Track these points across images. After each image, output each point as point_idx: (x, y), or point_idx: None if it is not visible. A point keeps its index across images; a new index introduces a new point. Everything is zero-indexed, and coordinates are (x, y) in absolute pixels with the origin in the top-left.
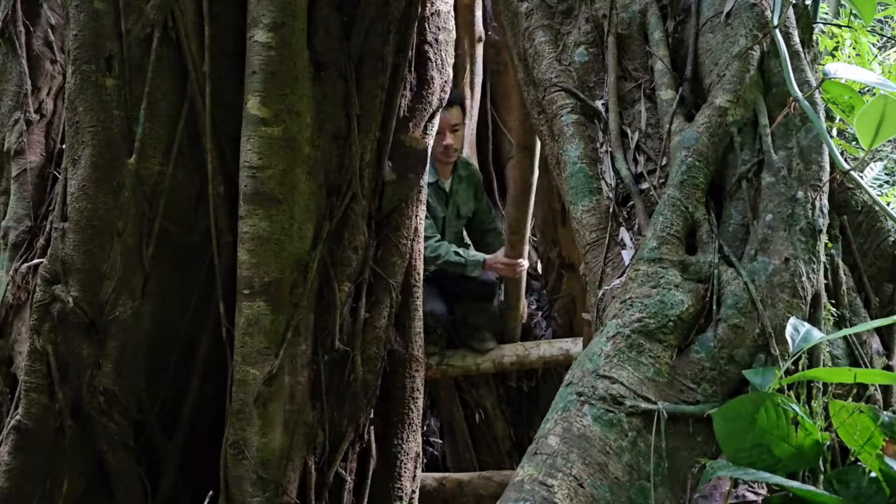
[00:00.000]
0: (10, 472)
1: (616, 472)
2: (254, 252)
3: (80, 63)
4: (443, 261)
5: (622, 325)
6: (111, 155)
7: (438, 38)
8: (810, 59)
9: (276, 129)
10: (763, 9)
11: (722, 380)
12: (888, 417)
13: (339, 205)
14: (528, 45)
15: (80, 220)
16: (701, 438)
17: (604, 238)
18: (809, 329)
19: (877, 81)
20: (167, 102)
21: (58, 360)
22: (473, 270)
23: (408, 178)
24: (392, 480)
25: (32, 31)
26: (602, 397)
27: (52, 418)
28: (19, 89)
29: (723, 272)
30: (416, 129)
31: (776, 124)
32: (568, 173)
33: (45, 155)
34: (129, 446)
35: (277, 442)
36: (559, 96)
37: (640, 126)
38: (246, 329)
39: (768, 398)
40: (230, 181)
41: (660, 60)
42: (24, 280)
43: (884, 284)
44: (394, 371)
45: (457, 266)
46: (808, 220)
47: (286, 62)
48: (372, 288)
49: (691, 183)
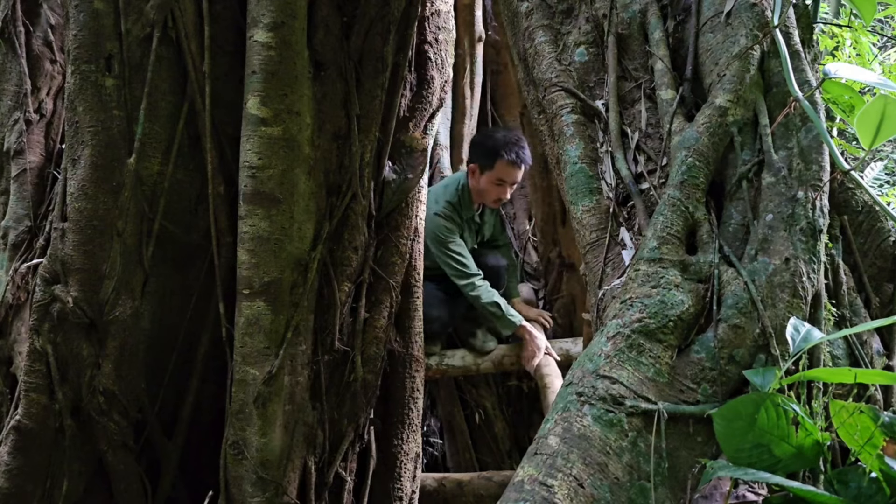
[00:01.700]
0: (10, 472)
1: (616, 473)
2: (254, 252)
3: (80, 63)
4: (479, 303)
5: (622, 325)
6: (111, 155)
7: (438, 38)
8: (810, 59)
9: (275, 129)
10: (763, 9)
11: (722, 380)
12: (888, 417)
13: (339, 205)
14: (528, 45)
15: (80, 220)
16: (701, 438)
17: (604, 238)
18: (810, 329)
19: (877, 81)
20: (167, 102)
21: (58, 360)
22: (504, 328)
23: (408, 178)
24: (392, 480)
25: (32, 31)
26: (602, 397)
27: (52, 418)
28: (19, 89)
29: (723, 272)
30: (416, 129)
31: (776, 124)
32: (568, 173)
33: (45, 155)
34: (129, 446)
35: (277, 442)
36: (559, 96)
37: (640, 126)
38: (246, 329)
39: (768, 398)
40: (230, 181)
41: (660, 60)
42: (23, 280)
43: (884, 284)
44: (394, 371)
45: (490, 315)
46: (808, 220)
47: (286, 62)
48: (372, 288)
49: (691, 183)
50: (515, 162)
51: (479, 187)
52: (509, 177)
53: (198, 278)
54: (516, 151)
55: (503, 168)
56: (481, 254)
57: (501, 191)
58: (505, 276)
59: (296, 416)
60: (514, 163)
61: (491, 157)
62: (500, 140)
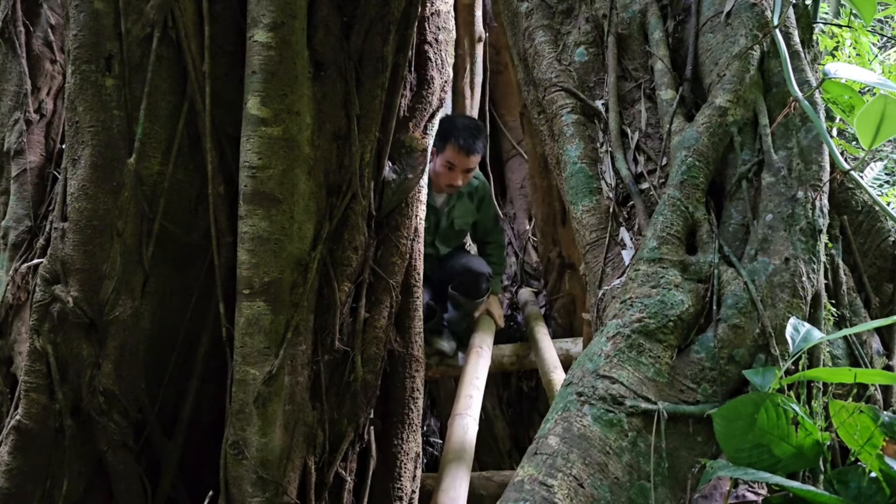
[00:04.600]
0: (10, 472)
1: (616, 472)
2: (254, 252)
3: (80, 63)
4: None
5: (622, 325)
6: (111, 155)
7: (438, 38)
8: (810, 59)
9: (275, 129)
10: (763, 9)
11: (722, 380)
12: (888, 417)
13: (339, 205)
14: (528, 45)
15: (80, 220)
16: (701, 438)
17: (604, 238)
18: (809, 329)
19: (877, 81)
20: (167, 102)
21: (58, 360)
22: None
23: (408, 178)
24: (392, 480)
25: (32, 31)
26: (602, 397)
27: (52, 418)
28: (19, 89)
29: (723, 272)
30: (416, 129)
31: (776, 124)
32: (568, 173)
33: (45, 155)
34: (129, 446)
35: (277, 442)
36: (559, 96)
37: (640, 126)
38: (246, 329)
39: (768, 398)
40: (230, 181)
41: (660, 60)
42: (23, 280)
43: (884, 284)
44: (394, 371)
45: None
46: (808, 220)
47: (286, 62)
48: (372, 288)
49: (691, 183)
50: (463, 147)
51: (435, 170)
52: (458, 161)
53: (198, 278)
54: (466, 138)
55: (452, 151)
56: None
57: (453, 176)
58: (485, 283)
59: (296, 416)
60: (462, 148)
61: (444, 139)
62: (457, 124)
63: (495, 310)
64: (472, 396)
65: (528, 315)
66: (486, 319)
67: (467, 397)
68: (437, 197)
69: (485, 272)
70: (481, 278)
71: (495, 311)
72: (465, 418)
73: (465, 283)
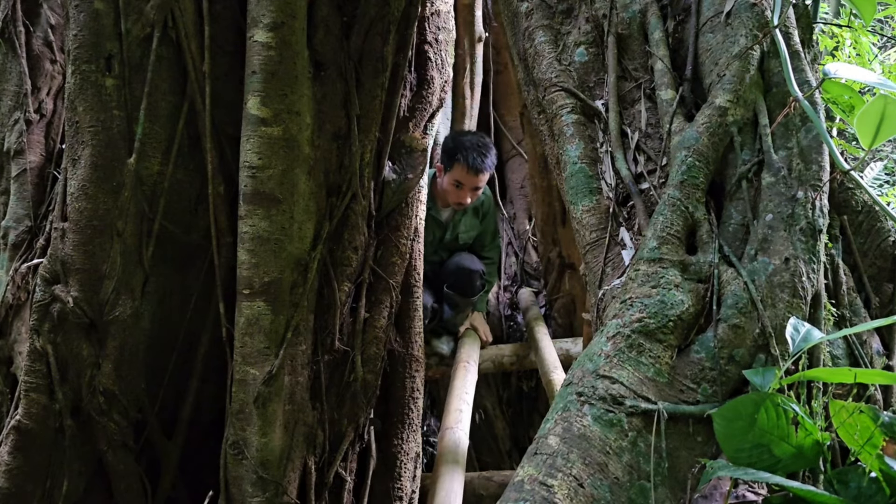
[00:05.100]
0: (10, 472)
1: (616, 472)
2: (254, 252)
3: (80, 63)
4: None
5: (622, 325)
6: (111, 155)
7: (438, 38)
8: (810, 59)
9: (275, 129)
10: (763, 9)
11: (722, 380)
12: (888, 417)
13: (339, 205)
14: (528, 45)
15: (80, 220)
16: (701, 438)
17: (604, 238)
18: (809, 329)
19: (877, 81)
20: (167, 102)
21: (58, 360)
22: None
23: (408, 178)
24: (392, 480)
25: (32, 31)
26: (602, 397)
27: (52, 418)
28: (19, 89)
29: (723, 272)
30: (416, 129)
31: (776, 124)
32: (568, 173)
33: (45, 155)
34: (129, 446)
35: (277, 442)
36: (559, 96)
37: (640, 126)
38: (246, 329)
39: (768, 398)
40: (230, 181)
41: (660, 60)
42: (23, 280)
43: (884, 284)
44: (394, 371)
45: None
46: (808, 220)
47: (286, 62)
48: (372, 288)
49: (691, 183)
50: (472, 167)
51: (442, 187)
52: (466, 180)
53: (198, 278)
54: (475, 157)
55: (460, 170)
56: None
57: (461, 194)
58: (479, 280)
59: (296, 416)
60: (472, 167)
61: (451, 158)
62: (465, 143)
63: (480, 325)
64: (462, 410)
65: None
66: (472, 334)
67: (457, 411)
68: (443, 211)
69: (478, 269)
70: (475, 275)
71: (480, 328)
72: (457, 432)
73: (459, 281)
